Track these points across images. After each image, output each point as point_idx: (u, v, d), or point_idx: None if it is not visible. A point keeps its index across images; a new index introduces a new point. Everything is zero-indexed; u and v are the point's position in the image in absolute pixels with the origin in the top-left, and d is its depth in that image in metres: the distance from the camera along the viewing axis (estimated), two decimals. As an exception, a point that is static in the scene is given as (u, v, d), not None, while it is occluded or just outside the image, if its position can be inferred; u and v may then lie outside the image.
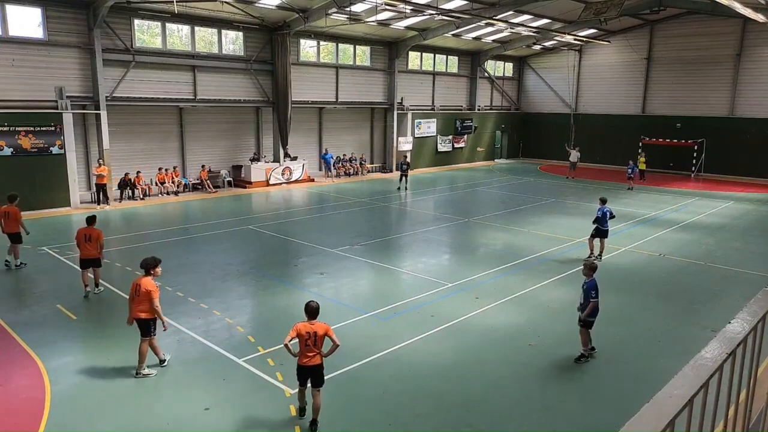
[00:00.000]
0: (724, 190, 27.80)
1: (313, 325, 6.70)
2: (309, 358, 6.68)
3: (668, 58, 34.14)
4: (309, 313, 6.76)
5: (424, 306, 11.14)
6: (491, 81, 39.71)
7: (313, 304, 6.82)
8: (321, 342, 6.70)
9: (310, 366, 6.70)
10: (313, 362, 6.71)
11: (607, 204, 14.68)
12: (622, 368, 8.72)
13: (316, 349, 6.69)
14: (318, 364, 6.75)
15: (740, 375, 2.32)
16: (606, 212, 14.41)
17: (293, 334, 6.63)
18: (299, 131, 28.93)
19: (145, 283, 8.00)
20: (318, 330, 6.67)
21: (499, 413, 7.41)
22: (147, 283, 8.02)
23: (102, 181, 21.05)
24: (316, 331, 6.66)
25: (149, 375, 8.06)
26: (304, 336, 6.64)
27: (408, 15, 25.49)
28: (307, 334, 6.63)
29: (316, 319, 6.77)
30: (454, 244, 16.90)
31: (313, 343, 6.65)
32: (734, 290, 12.55)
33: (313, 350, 6.67)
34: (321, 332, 6.68)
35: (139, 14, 22.30)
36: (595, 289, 8.62)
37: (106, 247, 15.29)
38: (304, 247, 15.75)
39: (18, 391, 7.66)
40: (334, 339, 6.69)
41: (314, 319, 6.75)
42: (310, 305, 6.81)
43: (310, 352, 6.67)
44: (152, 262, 8.29)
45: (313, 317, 6.75)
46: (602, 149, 36.56)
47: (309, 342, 6.64)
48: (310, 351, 6.67)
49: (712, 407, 2.08)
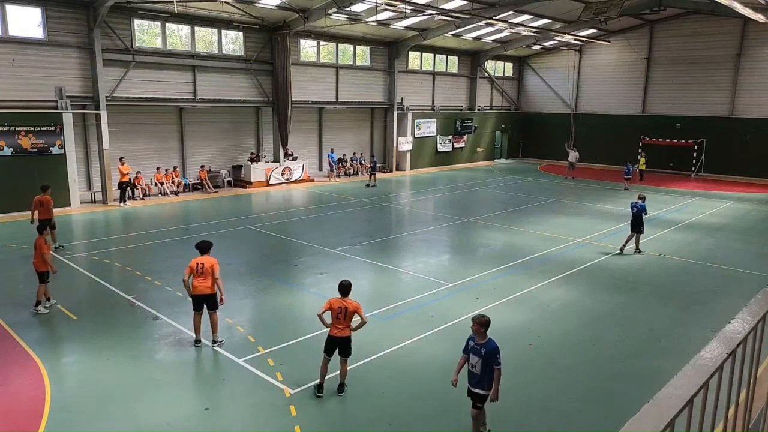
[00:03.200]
0: (724, 190, 27.80)
1: (345, 301, 7.40)
2: (339, 330, 7.37)
3: (668, 58, 34.14)
4: (342, 291, 7.48)
5: (424, 306, 11.14)
6: (491, 81, 39.71)
7: (345, 282, 7.55)
8: (350, 317, 7.38)
9: (340, 337, 7.37)
10: (343, 334, 7.39)
11: (643, 201, 15.33)
12: (622, 368, 8.71)
13: (346, 322, 7.37)
14: (347, 336, 7.43)
15: (740, 375, 2.32)
16: (637, 206, 15.07)
17: (327, 307, 7.35)
18: (299, 131, 28.93)
19: (209, 260, 8.82)
20: (349, 306, 7.37)
21: (498, 413, 7.41)
22: (211, 260, 8.86)
23: (124, 179, 21.31)
24: (347, 307, 7.36)
25: (221, 341, 9.03)
26: (335, 309, 7.34)
27: (408, 15, 25.49)
28: (339, 308, 7.33)
29: (348, 296, 7.47)
30: (454, 244, 16.90)
31: (344, 317, 7.33)
32: (734, 290, 12.55)
33: (343, 323, 7.36)
34: (351, 309, 7.38)
35: (139, 14, 22.29)
36: (499, 352, 6.41)
37: (103, 248, 15.33)
38: (304, 247, 15.75)
39: (18, 391, 7.66)
40: (362, 316, 7.40)
41: (347, 296, 7.47)
42: (342, 283, 7.55)
43: (341, 324, 7.37)
44: (210, 243, 9.15)
45: (346, 294, 7.47)
46: (602, 149, 36.55)
47: (340, 316, 7.33)
48: (340, 323, 7.36)
49: (712, 407, 2.08)
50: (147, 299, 11.18)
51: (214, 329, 9.01)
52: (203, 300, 8.86)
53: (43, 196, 14.57)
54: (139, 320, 10.23)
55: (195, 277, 8.76)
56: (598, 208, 22.41)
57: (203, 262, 8.81)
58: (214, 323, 8.98)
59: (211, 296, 8.86)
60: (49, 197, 14.67)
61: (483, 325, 6.45)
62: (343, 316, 7.33)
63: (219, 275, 8.85)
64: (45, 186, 14.93)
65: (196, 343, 8.98)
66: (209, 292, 8.80)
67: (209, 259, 8.90)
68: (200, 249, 9.03)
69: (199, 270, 8.75)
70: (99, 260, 14.02)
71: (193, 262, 8.83)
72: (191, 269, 8.78)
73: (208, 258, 8.91)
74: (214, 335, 9.04)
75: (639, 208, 15.06)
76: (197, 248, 9.05)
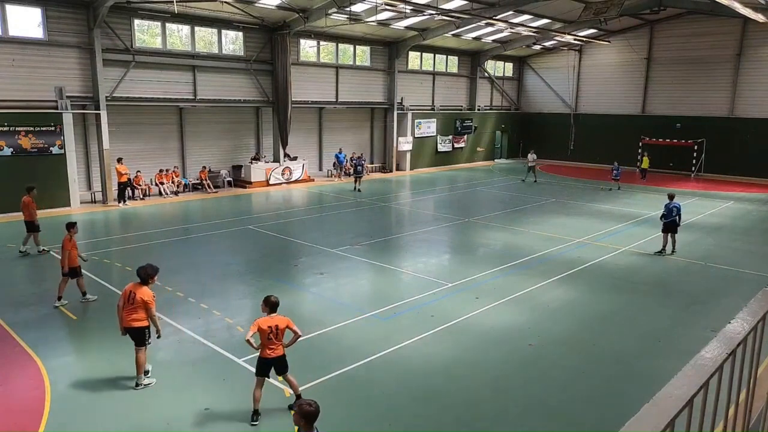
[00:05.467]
0: (724, 190, 27.80)
1: (273, 318, 6.92)
2: (272, 350, 6.92)
3: (668, 58, 34.14)
4: (270, 308, 6.96)
5: (424, 306, 11.14)
6: (491, 81, 39.71)
7: (272, 298, 7.03)
8: (282, 334, 6.96)
9: (273, 357, 6.94)
10: (277, 353, 6.95)
11: (675, 199, 15.35)
12: (622, 368, 8.71)
13: (278, 341, 6.94)
14: (282, 354, 7.01)
15: (740, 375, 2.32)
16: (671, 207, 15.06)
17: (255, 329, 6.85)
18: (299, 131, 28.94)
19: (142, 292, 7.69)
20: (279, 323, 6.92)
21: (499, 413, 7.41)
22: (144, 292, 7.71)
23: (123, 179, 21.31)
24: (278, 324, 6.90)
25: (150, 384, 7.85)
26: (265, 330, 6.85)
27: (408, 15, 25.49)
28: (268, 328, 6.86)
29: (276, 313, 6.98)
30: (454, 244, 16.90)
31: (275, 336, 6.89)
32: (734, 290, 12.55)
33: (275, 342, 6.92)
34: (282, 325, 6.93)
35: (139, 14, 22.29)
36: None
37: (103, 248, 15.35)
38: (304, 247, 15.75)
39: (18, 391, 7.66)
40: (295, 330, 6.99)
41: (274, 313, 6.97)
42: (270, 300, 7.00)
43: (273, 345, 6.91)
44: (152, 271, 7.94)
45: (274, 311, 6.97)
46: (602, 149, 36.55)
47: (271, 335, 6.87)
48: (273, 343, 6.90)
49: (712, 407, 2.08)
50: (147, 299, 11.16)
51: (138, 368, 7.77)
52: (130, 333, 7.75)
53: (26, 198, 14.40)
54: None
55: (126, 307, 7.73)
56: (598, 208, 22.41)
57: (136, 292, 7.70)
58: (138, 362, 7.74)
59: (137, 330, 7.70)
60: (29, 198, 14.40)
61: (305, 417, 4.54)
62: (275, 335, 6.86)
63: (154, 313, 7.75)
64: (30, 187, 14.69)
65: (136, 385, 7.75)
66: (136, 326, 7.68)
67: (145, 291, 7.73)
68: (139, 276, 7.87)
69: (130, 299, 7.69)
70: (99, 260, 14.02)
71: (127, 289, 7.84)
72: (124, 296, 7.80)
73: (144, 290, 7.74)
74: (138, 376, 7.79)
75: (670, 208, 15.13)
76: (137, 274, 7.92)
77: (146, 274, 7.88)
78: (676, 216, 15.04)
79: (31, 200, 14.49)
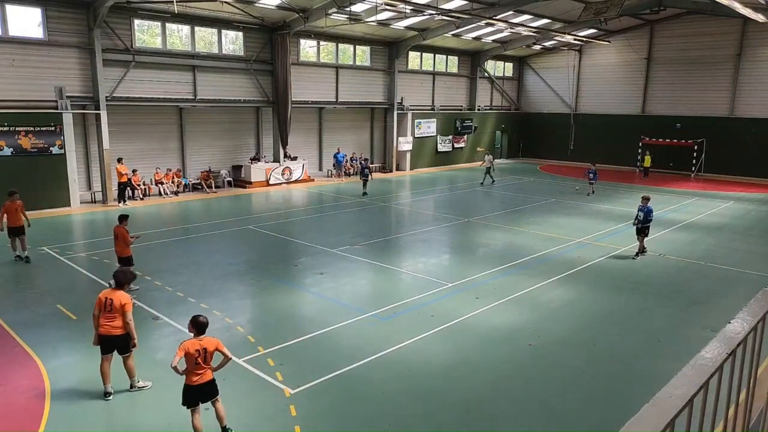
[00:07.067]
0: (724, 190, 27.80)
1: (201, 341, 6.37)
2: (200, 375, 6.36)
3: (668, 58, 34.14)
4: (198, 329, 6.41)
5: (424, 306, 11.14)
6: (491, 81, 39.71)
7: (201, 318, 6.47)
8: (211, 357, 6.42)
9: (202, 383, 6.38)
10: (204, 379, 6.41)
11: (649, 202, 15.03)
12: (622, 368, 8.72)
13: (206, 365, 6.39)
14: (210, 379, 6.48)
15: (740, 375, 2.32)
16: (646, 211, 14.81)
17: (181, 354, 6.26)
18: (299, 131, 28.94)
19: (119, 297, 7.45)
20: (208, 346, 6.37)
21: (499, 413, 7.41)
22: (122, 296, 7.48)
23: (123, 179, 21.33)
24: (206, 347, 6.35)
25: (146, 386, 7.77)
26: (193, 354, 6.27)
27: (408, 15, 25.49)
28: (196, 351, 6.28)
29: (205, 334, 6.48)
30: (454, 244, 16.90)
31: (203, 360, 6.34)
32: (734, 290, 12.55)
33: (203, 367, 6.36)
34: (211, 348, 6.39)
35: (139, 14, 22.30)
36: None
37: (104, 248, 15.33)
38: (304, 247, 15.75)
39: (18, 391, 7.65)
40: (225, 352, 6.47)
41: (202, 334, 6.43)
42: (198, 320, 6.44)
43: (200, 370, 6.34)
44: (131, 277, 7.92)
45: (202, 333, 6.42)
46: (602, 149, 36.54)
47: (199, 359, 6.30)
48: (200, 368, 6.33)
49: (712, 407, 2.08)
50: (147, 299, 11.17)
51: (131, 374, 7.64)
52: (111, 342, 7.49)
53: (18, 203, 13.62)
54: (139, 320, 10.14)
55: (103, 315, 7.44)
56: (598, 208, 22.41)
57: (112, 298, 7.43)
58: (128, 369, 7.61)
59: (120, 338, 7.49)
60: (9, 203, 13.50)
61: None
62: (203, 359, 6.29)
63: (131, 318, 7.47)
64: (12, 191, 13.74)
65: (105, 395, 7.47)
66: (118, 333, 7.44)
67: (122, 295, 7.49)
68: (115, 280, 7.72)
69: (107, 306, 7.41)
70: (99, 260, 14.02)
71: (102, 296, 7.52)
72: (99, 303, 7.48)
73: (121, 294, 7.49)
74: (132, 379, 7.68)
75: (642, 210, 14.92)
76: (113, 278, 7.80)
77: (125, 278, 7.77)
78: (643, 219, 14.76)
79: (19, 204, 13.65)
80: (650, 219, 14.95)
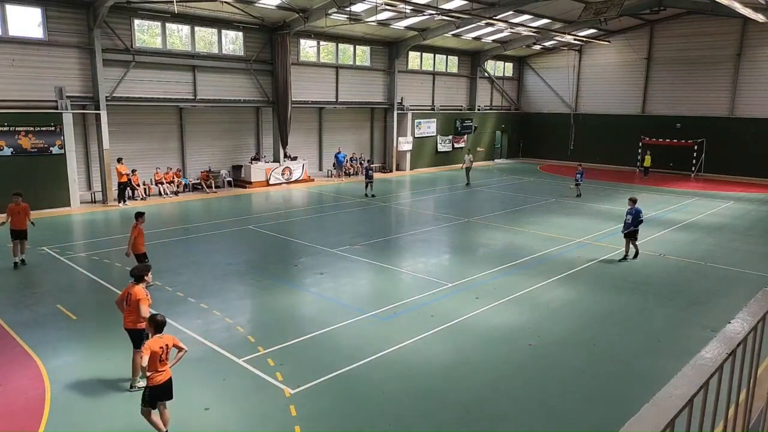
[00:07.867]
0: (724, 190, 27.80)
1: (162, 338, 6.54)
2: (162, 374, 6.46)
3: (668, 58, 34.15)
4: (156, 327, 6.57)
5: (424, 306, 11.14)
6: (491, 81, 39.71)
7: (159, 317, 6.65)
8: (169, 353, 6.58)
9: (164, 381, 6.49)
10: (167, 377, 6.52)
11: (636, 203, 14.65)
12: (622, 368, 8.71)
13: (168, 361, 6.55)
14: (170, 377, 6.59)
15: (740, 375, 2.32)
16: (635, 213, 14.42)
17: (147, 354, 6.31)
18: (299, 131, 28.94)
19: (136, 293, 7.67)
20: (168, 342, 6.54)
21: (499, 413, 7.41)
22: (139, 292, 7.69)
23: (123, 179, 21.32)
24: (167, 343, 6.53)
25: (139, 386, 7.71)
26: (158, 352, 6.36)
27: (408, 15, 25.49)
28: (160, 349, 6.41)
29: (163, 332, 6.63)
30: (454, 244, 16.90)
31: (167, 356, 6.50)
32: (734, 290, 12.55)
33: (166, 363, 6.52)
34: (171, 343, 6.57)
35: (139, 14, 22.29)
36: None
37: (104, 248, 15.37)
38: (304, 247, 15.75)
39: (18, 391, 7.65)
40: (180, 345, 6.64)
41: (160, 332, 6.58)
42: (156, 319, 6.61)
43: (163, 367, 6.47)
44: (144, 269, 8.08)
45: (160, 331, 6.59)
46: (602, 149, 36.58)
47: (163, 356, 6.44)
48: (163, 365, 6.47)
49: (712, 407, 2.08)
50: (147, 299, 11.16)
51: (134, 371, 7.77)
52: (130, 334, 7.85)
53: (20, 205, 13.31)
54: (139, 320, 10.22)
55: (126, 308, 7.78)
56: (598, 208, 22.41)
57: (131, 293, 7.72)
58: (134, 365, 7.75)
59: (134, 332, 7.76)
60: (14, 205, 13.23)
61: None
62: (166, 355, 6.46)
63: (145, 314, 7.50)
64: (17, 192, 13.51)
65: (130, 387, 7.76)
66: (131, 327, 7.74)
67: (138, 291, 7.71)
68: (132, 276, 7.98)
69: (128, 301, 7.71)
70: (99, 260, 14.02)
71: (126, 290, 7.85)
72: (123, 295, 7.84)
73: (138, 290, 7.72)
74: (133, 379, 7.80)
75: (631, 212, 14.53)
76: (131, 274, 8.06)
77: (139, 271, 7.98)
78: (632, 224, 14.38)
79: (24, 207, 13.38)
80: (641, 221, 14.52)
